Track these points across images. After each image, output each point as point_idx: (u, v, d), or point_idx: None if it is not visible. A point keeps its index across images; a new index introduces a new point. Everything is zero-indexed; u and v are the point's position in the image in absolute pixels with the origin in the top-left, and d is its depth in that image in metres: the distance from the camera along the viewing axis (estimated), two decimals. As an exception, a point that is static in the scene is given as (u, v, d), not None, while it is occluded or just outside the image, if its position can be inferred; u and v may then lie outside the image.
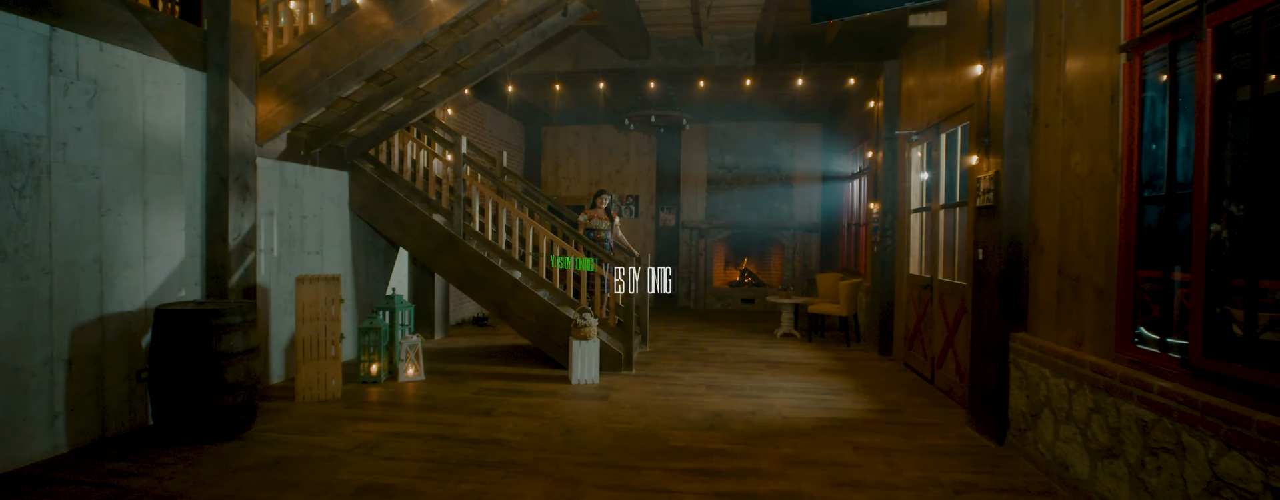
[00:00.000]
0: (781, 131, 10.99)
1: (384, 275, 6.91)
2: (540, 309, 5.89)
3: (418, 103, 5.97)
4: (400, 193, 6.24)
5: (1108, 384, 2.83)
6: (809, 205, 11.01)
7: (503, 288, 5.97)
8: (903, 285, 6.36)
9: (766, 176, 11.03)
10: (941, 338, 5.24)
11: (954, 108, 5.00)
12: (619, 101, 9.71)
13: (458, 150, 6.12)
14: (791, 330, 7.90)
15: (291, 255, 5.47)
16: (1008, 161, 3.79)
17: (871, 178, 7.31)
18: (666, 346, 7.18)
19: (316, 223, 5.81)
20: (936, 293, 5.37)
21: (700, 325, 8.92)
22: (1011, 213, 3.79)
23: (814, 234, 10.91)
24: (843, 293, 7.28)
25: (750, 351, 6.93)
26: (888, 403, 4.86)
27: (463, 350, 6.84)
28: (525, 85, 8.55)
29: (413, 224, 6.15)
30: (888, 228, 6.72)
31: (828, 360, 6.48)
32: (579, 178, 11.56)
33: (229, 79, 4.55)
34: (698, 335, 8.03)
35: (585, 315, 5.41)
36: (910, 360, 6.05)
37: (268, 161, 5.19)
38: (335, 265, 6.04)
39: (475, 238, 6.16)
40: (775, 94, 9.35)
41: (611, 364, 5.80)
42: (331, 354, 4.80)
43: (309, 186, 5.71)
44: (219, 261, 4.56)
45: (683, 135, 11.17)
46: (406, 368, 5.47)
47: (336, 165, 6.10)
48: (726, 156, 11.14)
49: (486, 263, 5.99)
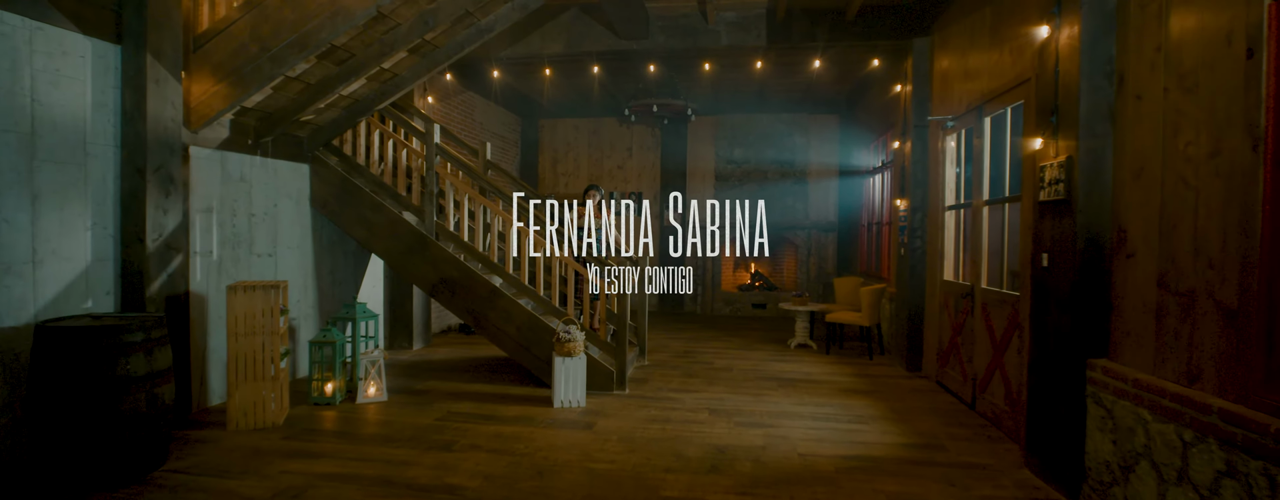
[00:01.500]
0: (795, 123, 10.22)
1: (353, 279, 6.24)
2: (522, 319, 5.19)
3: (385, 86, 5.28)
4: (367, 188, 5.56)
5: (1252, 441, 2.06)
6: (825, 203, 10.23)
7: (479, 295, 5.27)
8: (935, 292, 5.59)
9: (779, 172, 10.26)
10: (985, 356, 4.47)
11: (1002, 85, 4.23)
12: (619, 90, 8.99)
13: (429, 139, 5.42)
14: (807, 340, 7.15)
15: (236, 258, 4.80)
16: (1084, 144, 3.03)
17: (897, 171, 6.53)
18: (667, 359, 6.44)
19: (269, 221, 5.14)
20: (979, 303, 4.60)
21: (707, 334, 8.18)
22: (1089, 208, 3.02)
23: (830, 234, 10.13)
24: (865, 300, 6.51)
25: (761, 366, 6.18)
26: (923, 435, 4.11)
27: (440, 363, 6.15)
28: (514, 71, 7.86)
29: (380, 223, 5.47)
30: (917, 227, 5.95)
31: (849, 377, 5.71)
32: (578, 174, 10.85)
33: (147, 52, 3.88)
34: (703, 345, 7.29)
35: (570, 328, 4.70)
36: (945, 379, 5.28)
37: (205, 151, 4.53)
38: (292, 269, 5.37)
39: (450, 239, 5.47)
40: (788, 81, 8.59)
41: (602, 382, 5.08)
42: (271, 373, 4.12)
43: (259, 180, 5.04)
44: (135, 266, 3.89)
45: (689, 128, 10.43)
46: (367, 387, 4.79)
47: (295, 157, 5.43)
48: (736, 150, 10.38)
49: (461, 266, 5.30)
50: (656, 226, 10.58)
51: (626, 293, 5.12)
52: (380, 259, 6.61)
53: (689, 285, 5.05)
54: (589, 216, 5.89)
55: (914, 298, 5.95)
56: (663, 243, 10.44)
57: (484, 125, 9.35)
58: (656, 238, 10.48)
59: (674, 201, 5.56)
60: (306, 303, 5.57)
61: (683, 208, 10.40)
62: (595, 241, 5.81)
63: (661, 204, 10.52)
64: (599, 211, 6.06)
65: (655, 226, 10.60)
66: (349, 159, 5.65)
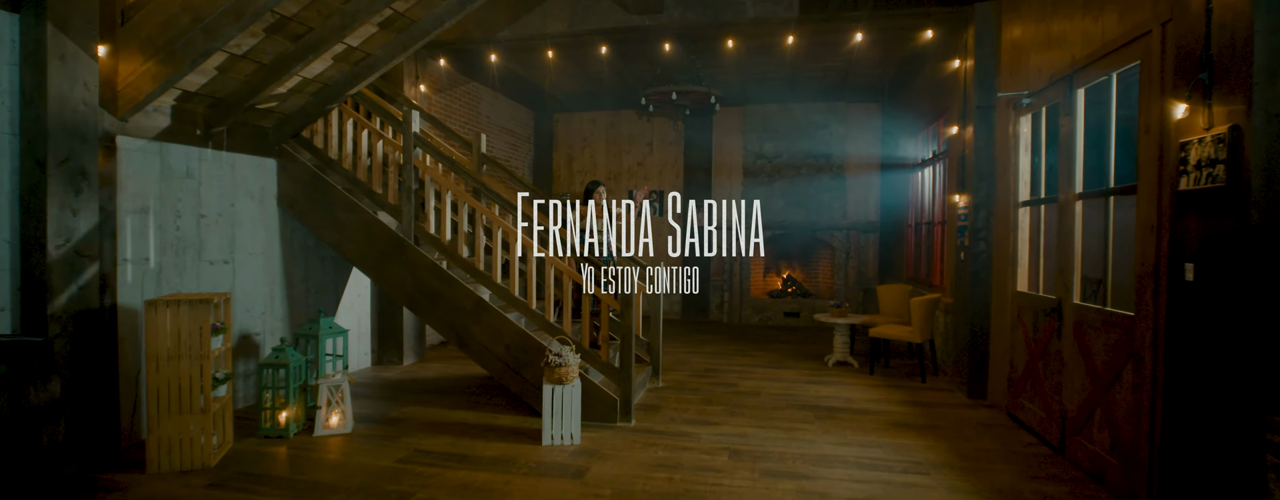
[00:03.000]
0: (832, 112, 9.28)
1: (333, 287, 5.59)
2: (511, 337, 4.44)
3: (357, 68, 4.59)
4: (339, 185, 4.89)
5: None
6: (865, 200, 9.26)
7: (462, 307, 4.54)
8: (1005, 306, 4.65)
9: (813, 166, 9.34)
10: (1080, 389, 3.54)
11: (1102, 47, 3.30)
12: (635, 78, 8.20)
13: (407, 128, 4.72)
14: (847, 357, 6.24)
15: (181, 266, 4.16)
16: (1259, 110, 2.12)
17: (953, 162, 5.59)
18: (685, 380, 5.62)
19: (224, 223, 4.50)
20: (1069, 322, 3.67)
21: (732, 347, 7.32)
22: (1271, 200, 2.11)
23: (871, 235, 9.16)
24: (916, 312, 5.59)
25: (795, 389, 5.31)
26: (1004, 494, 3.21)
27: (428, 383, 5.45)
28: (516, 57, 7.14)
29: (352, 224, 4.79)
30: (980, 228, 5.01)
31: (899, 406, 4.81)
32: (595, 171, 10.10)
33: (48, 23, 3.25)
34: (728, 362, 6.44)
35: (562, 350, 3.92)
36: (1019, 411, 4.34)
37: (138, 142, 3.89)
38: (253, 277, 4.73)
39: (431, 242, 4.75)
40: (824, 64, 7.68)
41: (603, 412, 4.29)
42: (200, 405, 3.44)
43: (212, 176, 4.40)
44: (36, 277, 3.26)
45: (714, 119, 9.58)
46: (329, 416, 4.09)
47: (258, 150, 4.79)
48: (765, 144, 9.49)
49: (442, 274, 4.57)
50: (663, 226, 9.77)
51: (634, 301, 4.33)
52: (363, 265, 5.94)
53: (695, 285, 4.33)
54: (592, 217, 5.11)
55: (976, 311, 5.01)
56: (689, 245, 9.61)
57: (491, 119, 8.67)
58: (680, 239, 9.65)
59: (673, 201, 4.93)
60: (273, 315, 4.92)
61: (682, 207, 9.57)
62: (596, 243, 5.03)
63: (686, 202, 9.69)
64: (602, 211, 5.27)
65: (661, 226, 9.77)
66: (321, 153, 4.98)
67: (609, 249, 5.07)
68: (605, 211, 5.17)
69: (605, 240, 5.19)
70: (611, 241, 5.08)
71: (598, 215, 5.20)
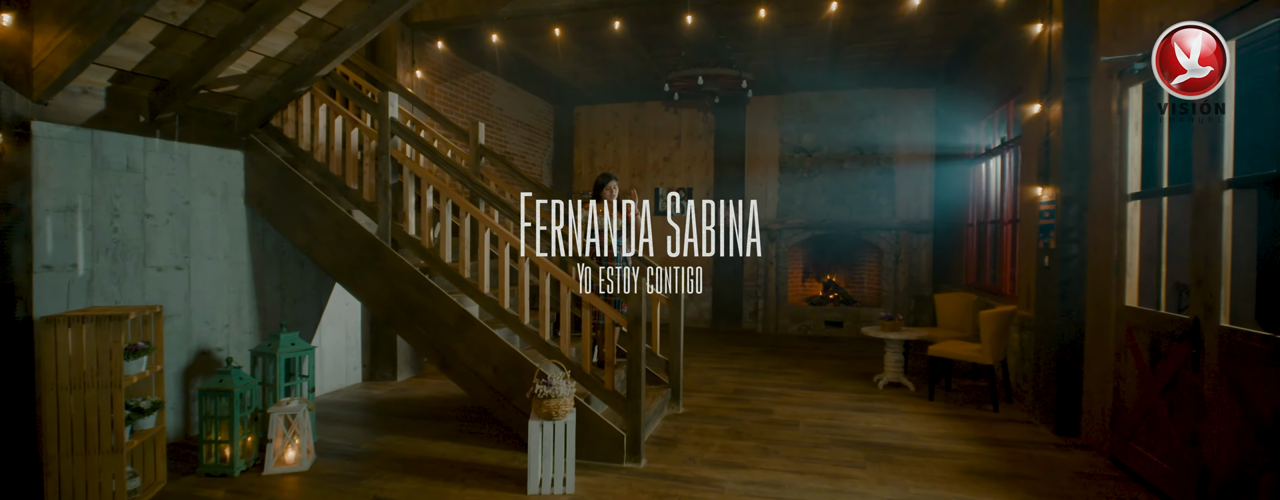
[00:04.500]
0: (879, 99, 8.35)
1: (315, 295, 5.00)
2: (500, 358, 3.75)
3: (327, 45, 3.96)
4: (311, 181, 4.29)
5: None
6: (917, 196, 8.30)
7: (444, 323, 3.87)
8: (1106, 323, 3.74)
9: (858, 159, 8.42)
10: (1234, 442, 2.65)
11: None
12: (658, 64, 7.46)
13: (383, 113, 4.08)
14: (901, 378, 5.37)
15: (120, 274, 3.60)
16: None
17: (1033, 148, 4.68)
18: (710, 405, 4.85)
19: (177, 223, 3.93)
20: (1214, 351, 2.77)
21: (767, 362, 6.50)
22: None
23: (923, 235, 8.20)
24: (986, 327, 4.69)
25: (840, 418, 4.48)
26: (1137, 588, 2.35)
27: (417, 405, 4.81)
28: (522, 38, 6.48)
29: (324, 224, 4.17)
30: (1070, 227, 4.11)
31: (971, 444, 3.95)
32: (619, 168, 9.39)
33: (-76, -20, 2.69)
34: (762, 381, 5.64)
35: (551, 377, 3.20)
36: (1130, 458, 3.44)
37: (62, 129, 3.33)
38: (214, 285, 4.15)
39: (411, 246, 4.10)
40: (871, 43, 6.80)
41: (606, 450, 3.56)
42: (112, 443, 2.84)
43: (160, 170, 3.84)
44: (-89, 290, 2.70)
45: (747, 109, 8.77)
46: (282, 450, 3.47)
47: (220, 141, 4.22)
48: (804, 135, 8.62)
49: (422, 284, 3.91)
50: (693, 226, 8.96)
51: (646, 313, 3.59)
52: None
53: (698, 285, 3.74)
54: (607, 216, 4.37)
55: (1065, 328, 4.11)
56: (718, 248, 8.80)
57: (504, 112, 8.04)
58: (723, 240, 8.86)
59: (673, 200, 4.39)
60: (240, 328, 4.35)
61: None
62: (598, 244, 4.29)
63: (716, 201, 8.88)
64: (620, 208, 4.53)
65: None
66: (292, 143, 4.39)
67: (617, 250, 4.33)
68: (616, 210, 4.43)
69: (616, 241, 4.45)
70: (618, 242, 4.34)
71: (613, 214, 4.47)
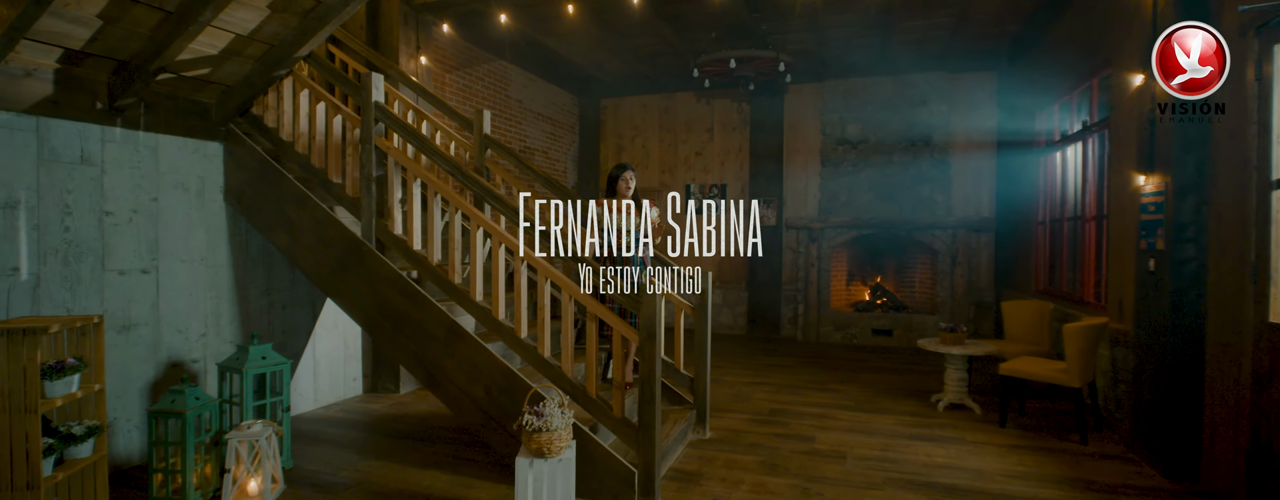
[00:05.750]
0: (933, 85, 7.56)
1: (309, 301, 4.59)
2: (493, 376, 3.23)
3: (305, 21, 3.51)
4: (293, 175, 3.86)
5: None
6: (976, 190, 7.49)
7: (432, 335, 3.37)
8: (1241, 343, 2.99)
9: (909, 150, 7.65)
10: None
11: None
12: (688, 50, 6.87)
13: (366, 96, 3.61)
14: (964, 399, 4.65)
15: (73, 278, 3.21)
16: None
17: (1131, 130, 3.92)
18: (742, 428, 4.24)
19: (143, 222, 3.54)
20: None
21: (808, 376, 5.84)
22: None
23: (984, 234, 7.39)
24: (1072, 343, 3.95)
25: (896, 449, 3.82)
26: None
27: (412, 423, 4.34)
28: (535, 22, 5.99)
29: (304, 223, 3.73)
30: (1186, 222, 3.36)
31: (1059, 488, 3.24)
32: (648, 163, 8.83)
33: None
34: (802, 399, 4.99)
35: (547, 404, 2.66)
36: (1278, 518, 2.69)
37: (1, 115, 2.96)
38: (188, 291, 3.75)
39: (397, 247, 3.62)
40: (924, 21, 6.08)
41: (614, 489, 2.99)
42: (26, 480, 2.42)
43: (124, 163, 3.45)
44: None
45: (785, 98, 8.09)
46: (243, 482, 3.01)
47: (195, 131, 3.82)
48: (848, 125, 7.88)
49: (409, 290, 3.43)
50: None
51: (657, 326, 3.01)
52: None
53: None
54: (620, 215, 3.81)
55: (1177, 346, 3.36)
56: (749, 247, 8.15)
57: (525, 104, 7.57)
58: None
59: (673, 200, 3.93)
60: (219, 337, 3.94)
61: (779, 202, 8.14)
62: (600, 243, 3.72)
63: (751, 198, 8.23)
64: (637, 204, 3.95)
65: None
66: (273, 134, 3.97)
67: (630, 249, 3.76)
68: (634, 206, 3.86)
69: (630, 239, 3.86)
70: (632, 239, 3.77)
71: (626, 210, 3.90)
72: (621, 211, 3.72)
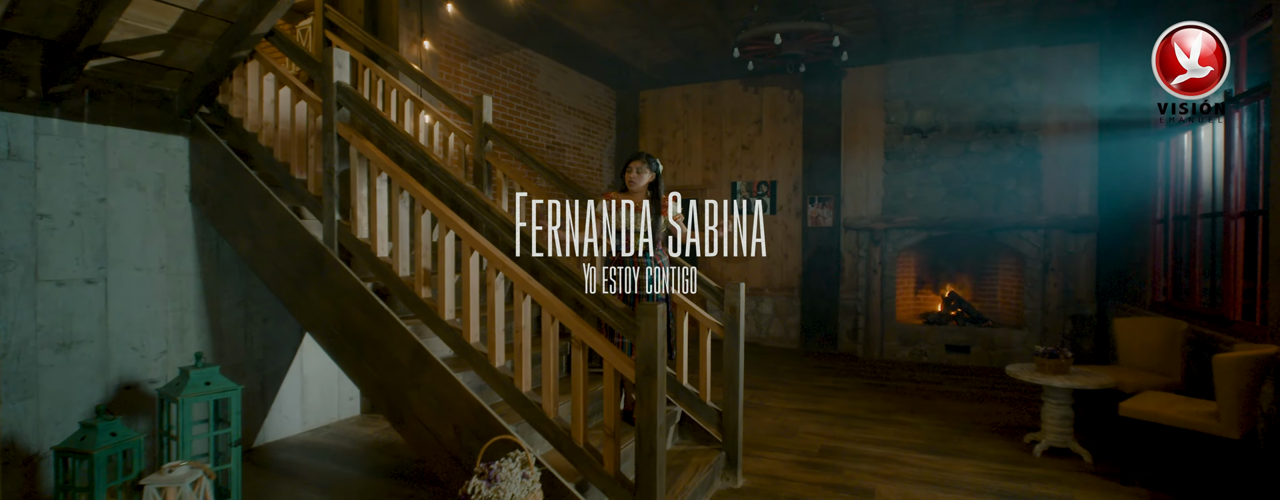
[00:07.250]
0: (1018, 63, 6.50)
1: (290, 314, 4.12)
2: (463, 414, 2.61)
3: (263, -8, 3.03)
4: (257, 171, 3.38)
5: None
6: (1072, 184, 6.39)
7: (396, 361, 2.78)
8: None
9: (989, 139, 6.62)
10: None
11: None
12: (730, 27, 6.12)
13: (328, 74, 3.07)
14: (1069, 442, 3.71)
15: (1, 289, 2.81)
16: None
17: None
18: (783, 473, 3.47)
19: (88, 226, 3.12)
20: None
21: (869, 403, 4.98)
22: None
23: (1083, 235, 6.28)
24: (1225, 379, 2.99)
25: (979, 512, 2.97)
26: None
27: (401, 452, 3.79)
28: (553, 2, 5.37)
29: (265, 225, 3.23)
30: None
31: (1225, 589, 2.33)
32: (690, 159, 8.11)
33: None
34: (860, 435, 4.16)
35: (502, 477, 2.01)
36: None
37: (-99, 103, 2.57)
38: (144, 303, 3.32)
39: (360, 253, 3.06)
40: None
41: (606, 568, 2.31)
42: None
43: (60, 158, 3.04)
44: None
45: (843, 83, 7.21)
46: (166, 536, 2.51)
47: (154, 124, 3.39)
48: (917, 112, 6.91)
49: (372, 307, 2.85)
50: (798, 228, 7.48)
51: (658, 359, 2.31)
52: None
53: (692, 285, 2.52)
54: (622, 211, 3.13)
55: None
56: (807, 250, 7.30)
57: (553, 96, 7.01)
58: (798, 244, 7.38)
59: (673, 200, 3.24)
60: (182, 355, 3.50)
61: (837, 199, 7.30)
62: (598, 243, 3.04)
63: (804, 195, 7.38)
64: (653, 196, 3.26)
65: (796, 228, 7.50)
66: (237, 124, 3.50)
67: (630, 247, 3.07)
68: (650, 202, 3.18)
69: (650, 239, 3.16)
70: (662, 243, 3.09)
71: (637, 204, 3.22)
72: (620, 208, 3.04)
